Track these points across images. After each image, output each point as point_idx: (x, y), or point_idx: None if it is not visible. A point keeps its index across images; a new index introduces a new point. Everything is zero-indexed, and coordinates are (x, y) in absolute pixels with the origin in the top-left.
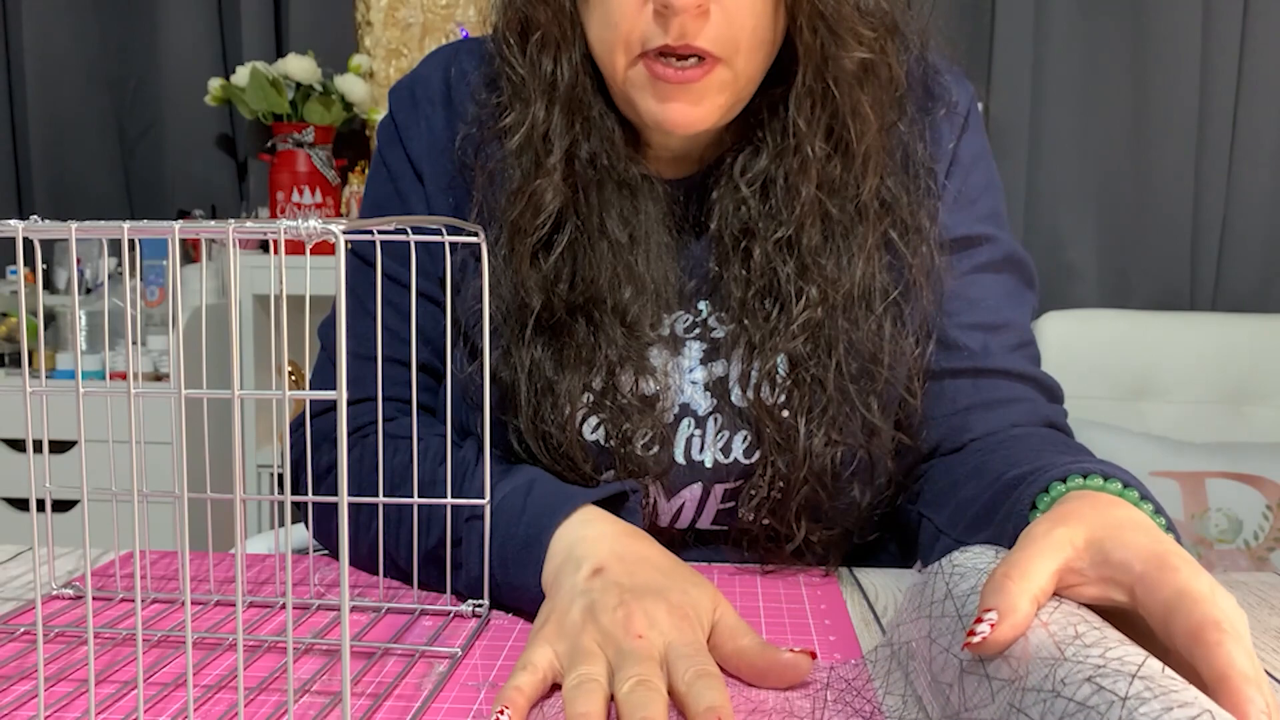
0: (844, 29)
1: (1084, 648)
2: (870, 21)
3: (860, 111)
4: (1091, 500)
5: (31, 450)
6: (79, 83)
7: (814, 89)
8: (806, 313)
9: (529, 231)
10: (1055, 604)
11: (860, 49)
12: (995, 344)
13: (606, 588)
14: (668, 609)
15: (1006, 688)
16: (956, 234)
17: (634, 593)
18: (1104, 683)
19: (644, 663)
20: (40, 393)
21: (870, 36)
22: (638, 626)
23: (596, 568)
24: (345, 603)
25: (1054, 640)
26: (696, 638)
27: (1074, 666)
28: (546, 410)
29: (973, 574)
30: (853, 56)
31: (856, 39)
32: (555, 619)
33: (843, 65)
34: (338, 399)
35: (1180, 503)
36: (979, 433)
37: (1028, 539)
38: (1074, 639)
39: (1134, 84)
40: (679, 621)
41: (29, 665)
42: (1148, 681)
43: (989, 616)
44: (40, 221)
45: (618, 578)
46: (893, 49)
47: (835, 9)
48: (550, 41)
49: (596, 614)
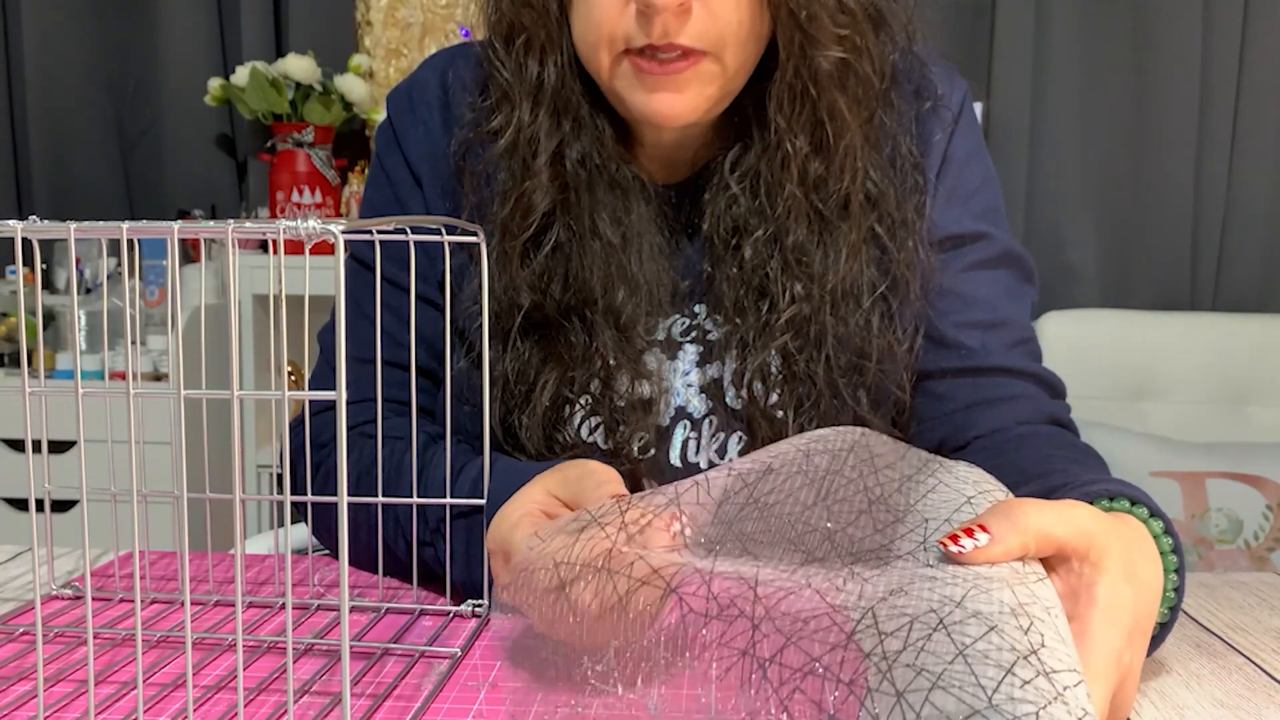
0: (819, 29)
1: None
2: (848, 21)
3: (838, 110)
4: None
5: (31, 450)
6: (79, 82)
7: (794, 86)
8: (793, 308)
9: (519, 232)
10: (1031, 567)
11: (837, 49)
12: (994, 342)
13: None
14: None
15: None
16: (952, 231)
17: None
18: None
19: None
20: (40, 393)
21: (848, 35)
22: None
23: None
24: (345, 603)
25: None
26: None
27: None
28: (541, 411)
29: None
30: (829, 56)
31: (834, 39)
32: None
33: (819, 65)
34: (337, 399)
35: (1180, 503)
36: (983, 430)
37: (1064, 504)
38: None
39: (1134, 84)
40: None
41: (28, 665)
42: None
43: (981, 536)
44: (39, 221)
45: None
46: (875, 47)
47: (810, 9)
48: (536, 44)
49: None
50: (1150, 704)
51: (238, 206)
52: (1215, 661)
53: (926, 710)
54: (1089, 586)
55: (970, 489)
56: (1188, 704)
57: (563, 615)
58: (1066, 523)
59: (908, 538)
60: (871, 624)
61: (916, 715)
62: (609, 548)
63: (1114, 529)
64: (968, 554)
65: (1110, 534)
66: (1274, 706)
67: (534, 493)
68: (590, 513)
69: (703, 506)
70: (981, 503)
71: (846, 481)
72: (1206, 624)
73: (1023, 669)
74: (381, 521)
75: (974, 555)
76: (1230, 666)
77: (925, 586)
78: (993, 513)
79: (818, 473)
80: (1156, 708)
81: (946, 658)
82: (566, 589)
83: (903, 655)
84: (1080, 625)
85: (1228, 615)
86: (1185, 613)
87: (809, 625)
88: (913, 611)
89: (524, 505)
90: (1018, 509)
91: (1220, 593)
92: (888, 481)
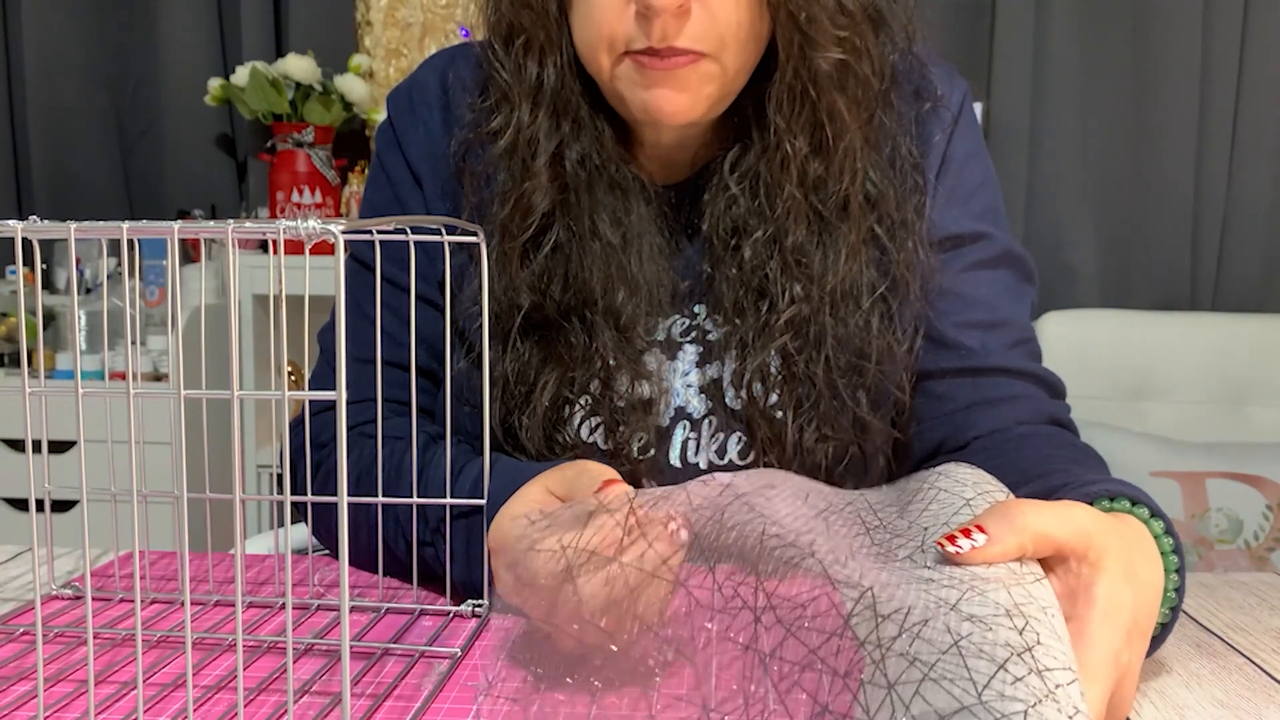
0: (818, 30)
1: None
2: (848, 22)
3: (838, 111)
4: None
5: (31, 450)
6: (79, 82)
7: (794, 87)
8: (792, 309)
9: (518, 233)
10: (1029, 568)
11: (837, 50)
12: (994, 342)
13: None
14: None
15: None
16: (951, 231)
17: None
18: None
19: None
20: (40, 393)
21: (848, 37)
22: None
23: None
24: (345, 603)
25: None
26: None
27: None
28: (541, 409)
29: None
30: (829, 58)
31: (833, 40)
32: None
33: (819, 66)
34: (337, 399)
35: (1180, 503)
36: (983, 430)
37: (1063, 505)
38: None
39: (1134, 84)
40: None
41: (28, 666)
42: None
43: (979, 537)
44: (40, 221)
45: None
46: (875, 48)
47: (809, 10)
48: (535, 45)
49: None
50: (1150, 704)
51: (238, 206)
52: (1215, 661)
53: (917, 705)
54: (1087, 587)
55: (969, 490)
56: (1188, 704)
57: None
58: (1065, 523)
59: (906, 545)
60: (869, 606)
61: (906, 708)
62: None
63: (1113, 529)
64: (965, 554)
65: (1109, 534)
66: (1274, 706)
67: (533, 492)
68: (599, 499)
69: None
70: (980, 504)
71: (843, 519)
72: (1206, 624)
73: (1015, 666)
74: (381, 522)
75: (971, 556)
76: (1230, 666)
77: (921, 588)
78: (990, 514)
79: (814, 509)
80: (1156, 708)
81: (941, 647)
82: (574, 574)
83: (897, 642)
84: (1078, 625)
85: (1228, 615)
86: (1185, 613)
87: (808, 610)
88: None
89: (524, 505)
90: (1015, 510)
91: (1220, 593)
92: (885, 514)
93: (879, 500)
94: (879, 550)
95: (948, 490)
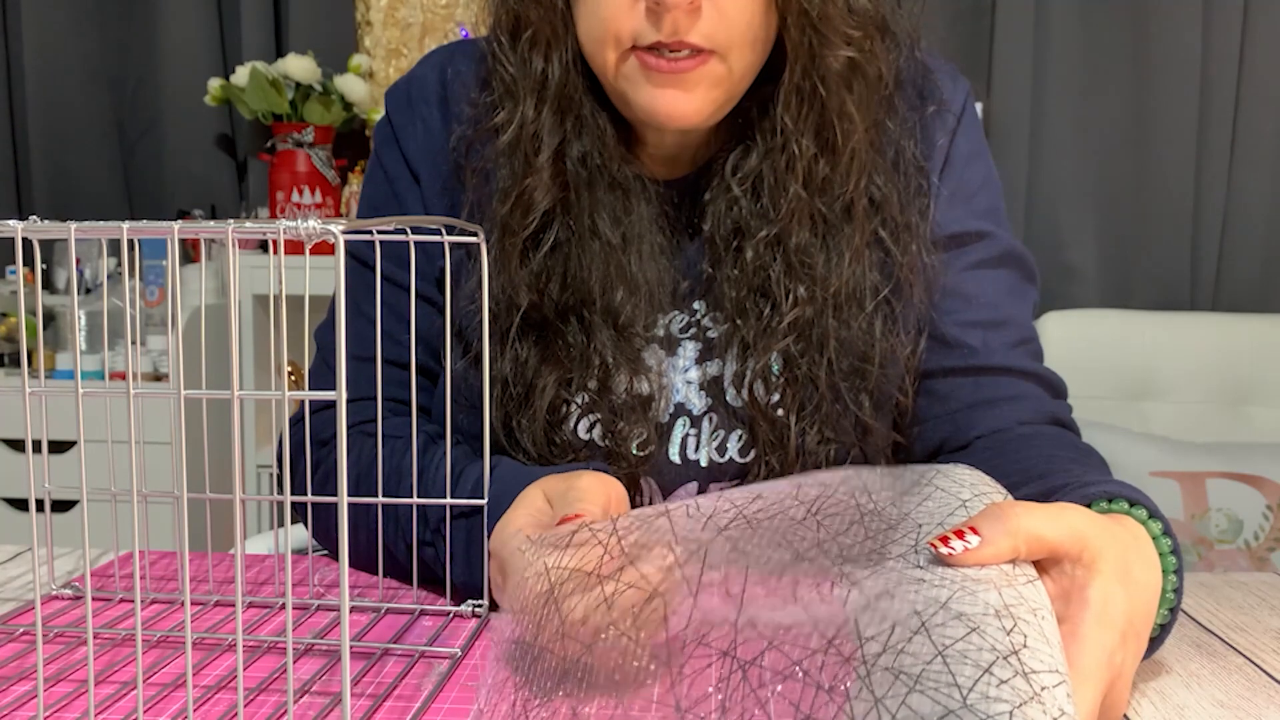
0: (830, 29)
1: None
2: (858, 21)
3: (846, 111)
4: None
5: (31, 450)
6: (79, 82)
7: (802, 87)
8: (796, 311)
9: (518, 230)
10: (1021, 570)
11: (847, 49)
12: (995, 341)
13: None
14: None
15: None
16: (953, 231)
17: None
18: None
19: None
20: (40, 393)
21: (858, 36)
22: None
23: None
24: (345, 603)
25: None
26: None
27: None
28: (539, 409)
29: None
30: (839, 56)
31: (843, 39)
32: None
33: (829, 65)
34: (337, 398)
35: (1180, 503)
36: (984, 430)
37: (1057, 506)
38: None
39: (1134, 84)
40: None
41: (28, 666)
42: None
43: (972, 538)
44: (40, 221)
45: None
46: (881, 48)
47: (822, 8)
48: (541, 40)
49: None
50: (1150, 704)
51: (238, 206)
52: (1215, 661)
53: (902, 713)
54: (1081, 588)
55: (966, 492)
56: (1188, 704)
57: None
58: (1058, 525)
59: (900, 542)
60: (853, 632)
61: (892, 717)
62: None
63: (1109, 531)
64: (957, 556)
65: (1105, 536)
66: (1274, 706)
67: (533, 497)
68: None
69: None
70: (976, 506)
71: (838, 500)
72: (1206, 624)
73: (1001, 669)
74: (381, 522)
75: (963, 557)
76: (1230, 666)
77: (912, 589)
78: (984, 515)
79: (808, 497)
80: (1156, 708)
81: (925, 658)
82: (556, 594)
83: (881, 659)
84: (1071, 626)
85: (1228, 615)
86: (1185, 613)
87: (790, 633)
88: (895, 616)
89: (524, 510)
90: (1009, 511)
91: (1220, 593)
92: (881, 498)
93: (875, 482)
94: (871, 545)
95: (945, 490)
